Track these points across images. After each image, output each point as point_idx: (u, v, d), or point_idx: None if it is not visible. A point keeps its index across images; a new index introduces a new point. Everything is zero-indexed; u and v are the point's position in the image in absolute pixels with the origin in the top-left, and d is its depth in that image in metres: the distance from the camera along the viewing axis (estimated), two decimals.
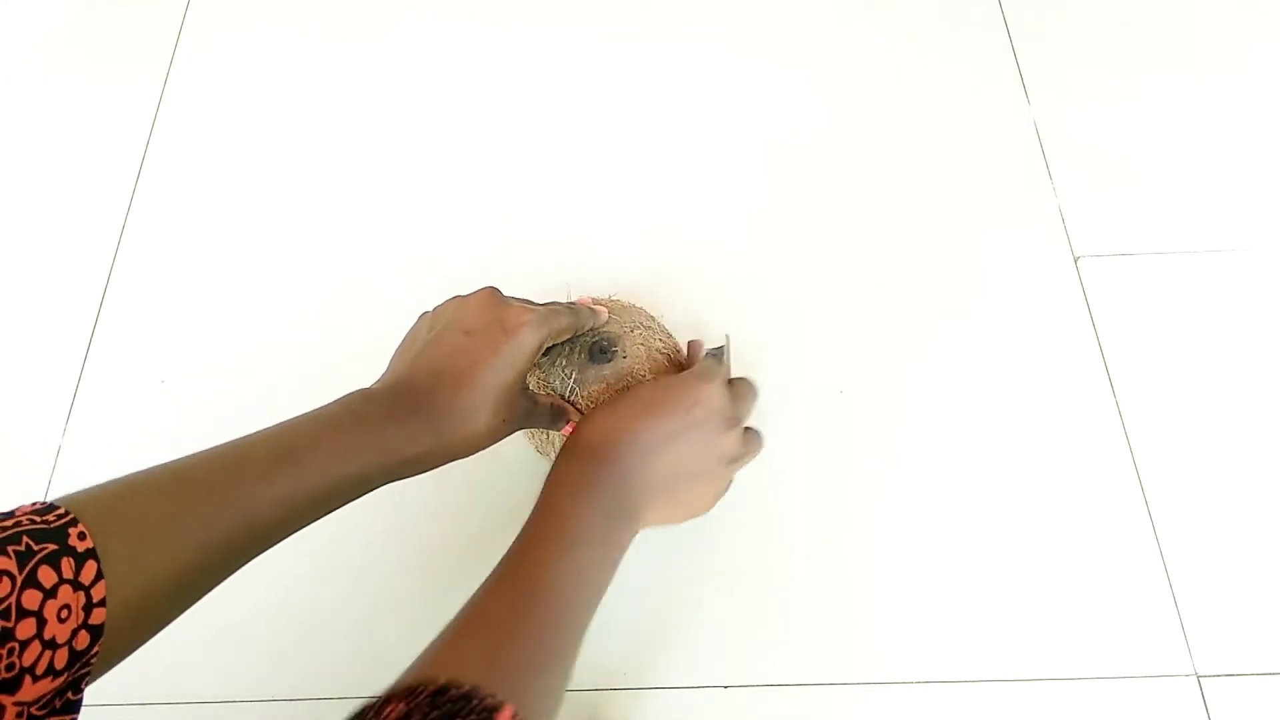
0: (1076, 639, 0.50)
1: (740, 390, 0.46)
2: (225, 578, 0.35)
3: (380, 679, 0.34)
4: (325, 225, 0.67)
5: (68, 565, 0.28)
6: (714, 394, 0.43)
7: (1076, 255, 0.62)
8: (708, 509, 0.45)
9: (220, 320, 0.63)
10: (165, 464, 0.34)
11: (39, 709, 0.27)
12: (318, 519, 0.37)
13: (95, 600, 0.29)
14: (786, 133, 0.68)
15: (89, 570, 0.29)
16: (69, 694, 0.29)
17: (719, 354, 0.48)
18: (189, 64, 0.75)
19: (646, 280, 0.62)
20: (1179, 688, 0.49)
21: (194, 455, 0.35)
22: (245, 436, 0.36)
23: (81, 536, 0.29)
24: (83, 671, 0.29)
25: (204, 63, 0.75)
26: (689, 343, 0.52)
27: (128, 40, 0.77)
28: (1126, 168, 0.65)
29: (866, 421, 0.57)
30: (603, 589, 0.38)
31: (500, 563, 0.36)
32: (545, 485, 0.40)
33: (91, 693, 0.31)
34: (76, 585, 0.28)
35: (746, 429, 0.46)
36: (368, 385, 0.41)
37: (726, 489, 0.46)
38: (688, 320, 0.60)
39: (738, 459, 0.45)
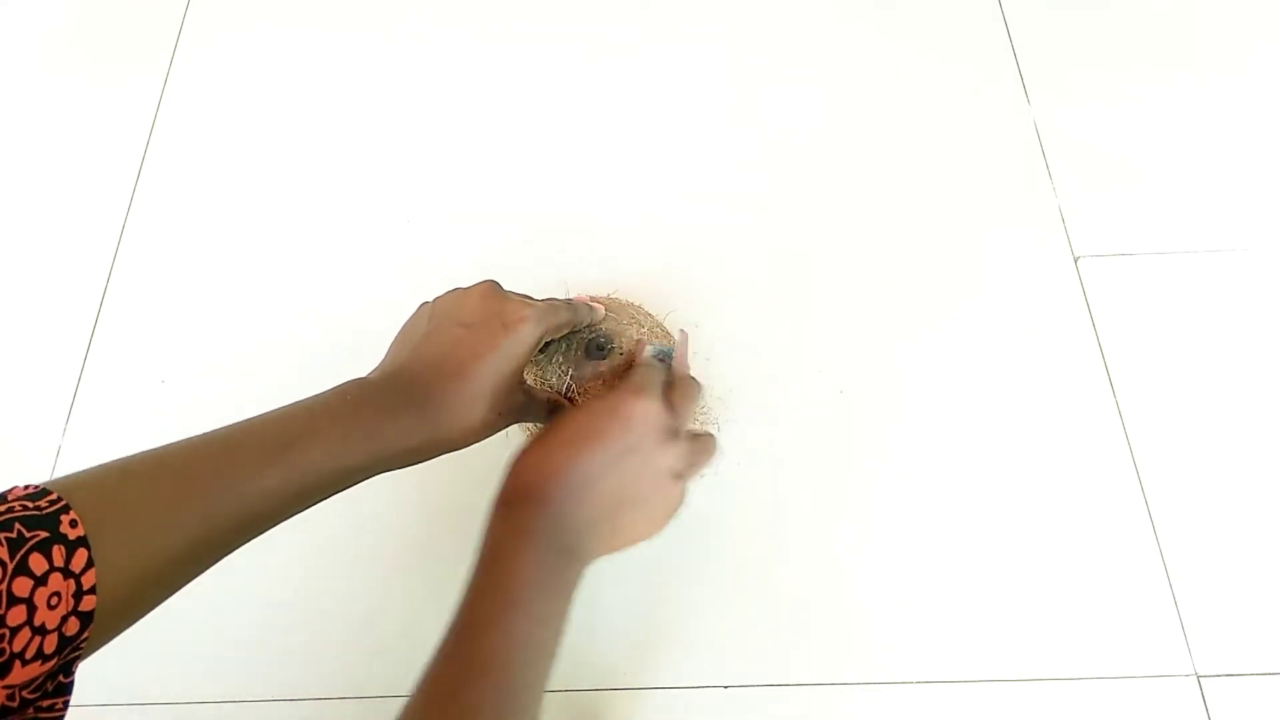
0: (1077, 639, 0.50)
1: (681, 397, 0.43)
2: (216, 562, 0.35)
3: (379, 677, 0.34)
4: (326, 224, 0.67)
5: (59, 553, 0.29)
6: (649, 410, 0.40)
7: (1076, 255, 0.62)
8: (660, 529, 0.42)
9: (221, 320, 0.63)
10: (157, 450, 0.34)
11: (30, 692, 0.28)
12: (311, 506, 0.37)
13: (85, 588, 0.29)
14: (786, 132, 0.68)
15: (79, 558, 0.29)
16: (60, 677, 0.29)
17: (664, 356, 0.46)
18: (189, 63, 0.75)
19: (647, 279, 0.62)
20: (1179, 688, 0.49)
21: (186, 442, 0.35)
22: (239, 423, 0.36)
23: (73, 524, 0.29)
24: (73, 655, 0.29)
25: (204, 62, 0.75)
26: (637, 342, 0.49)
27: (128, 39, 0.77)
28: (1126, 168, 0.65)
29: (866, 421, 0.57)
30: (558, 635, 0.37)
31: (449, 628, 0.35)
32: (484, 537, 0.37)
33: (87, 692, 0.31)
34: (67, 573, 0.29)
35: (695, 435, 0.43)
36: (364, 374, 0.41)
37: (680, 503, 0.43)
38: (688, 319, 0.60)
39: (684, 472, 0.42)
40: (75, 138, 0.72)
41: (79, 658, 0.30)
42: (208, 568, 0.35)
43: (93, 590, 0.29)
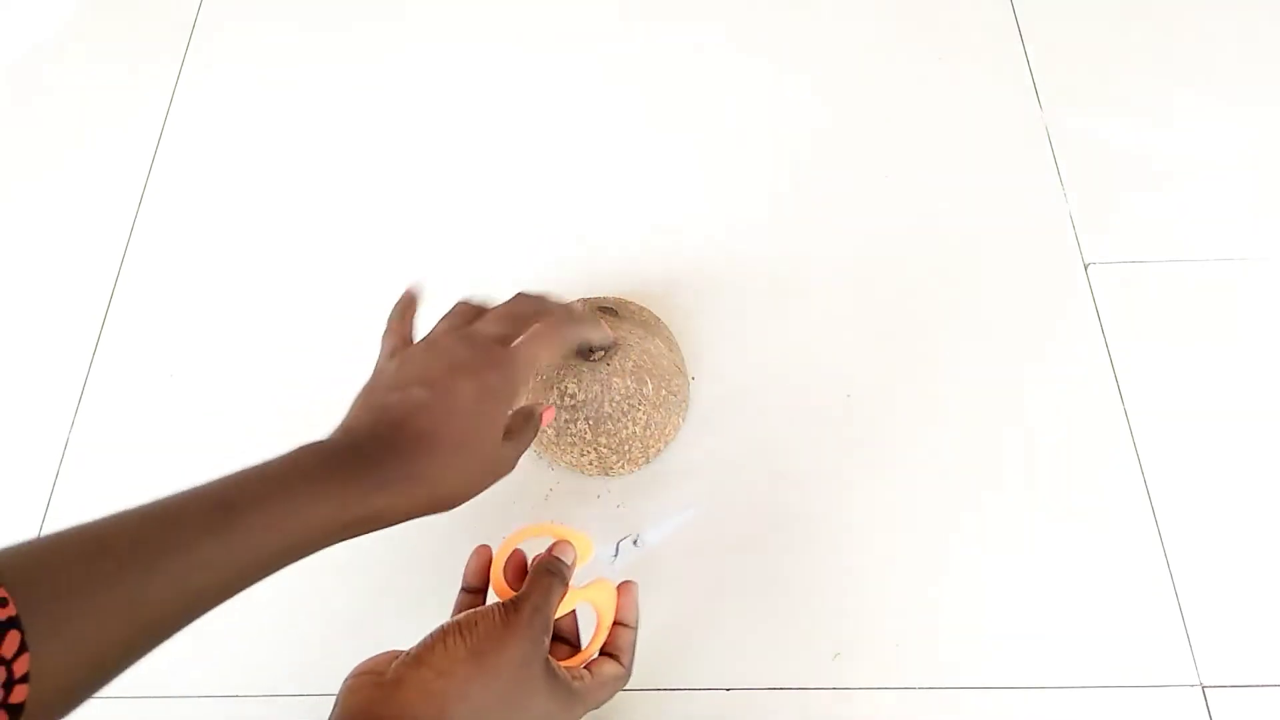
0: (1084, 648, 0.50)
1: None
2: (156, 646, 0.32)
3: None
4: (333, 224, 0.67)
5: None
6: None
7: (1087, 262, 0.61)
8: None
9: (229, 315, 0.63)
10: (90, 523, 0.31)
11: None
12: (263, 578, 0.33)
13: (17, 676, 0.25)
14: (796, 138, 0.68)
15: (11, 642, 0.25)
16: None
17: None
18: (202, 61, 0.75)
19: (655, 284, 0.62)
20: (1184, 698, 0.48)
21: (122, 514, 0.31)
22: (181, 491, 0.32)
23: (3, 604, 0.26)
24: None
25: (217, 60, 0.75)
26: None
27: (142, 33, 0.77)
28: (1138, 175, 0.65)
29: (872, 427, 0.56)
30: None
31: None
32: None
33: None
34: None
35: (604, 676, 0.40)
36: (322, 438, 0.37)
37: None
38: (696, 322, 0.60)
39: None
40: (86, 133, 0.73)
41: None
42: (147, 652, 0.31)
43: (25, 679, 0.26)
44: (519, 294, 0.43)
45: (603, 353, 0.52)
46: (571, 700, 0.37)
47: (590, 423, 0.52)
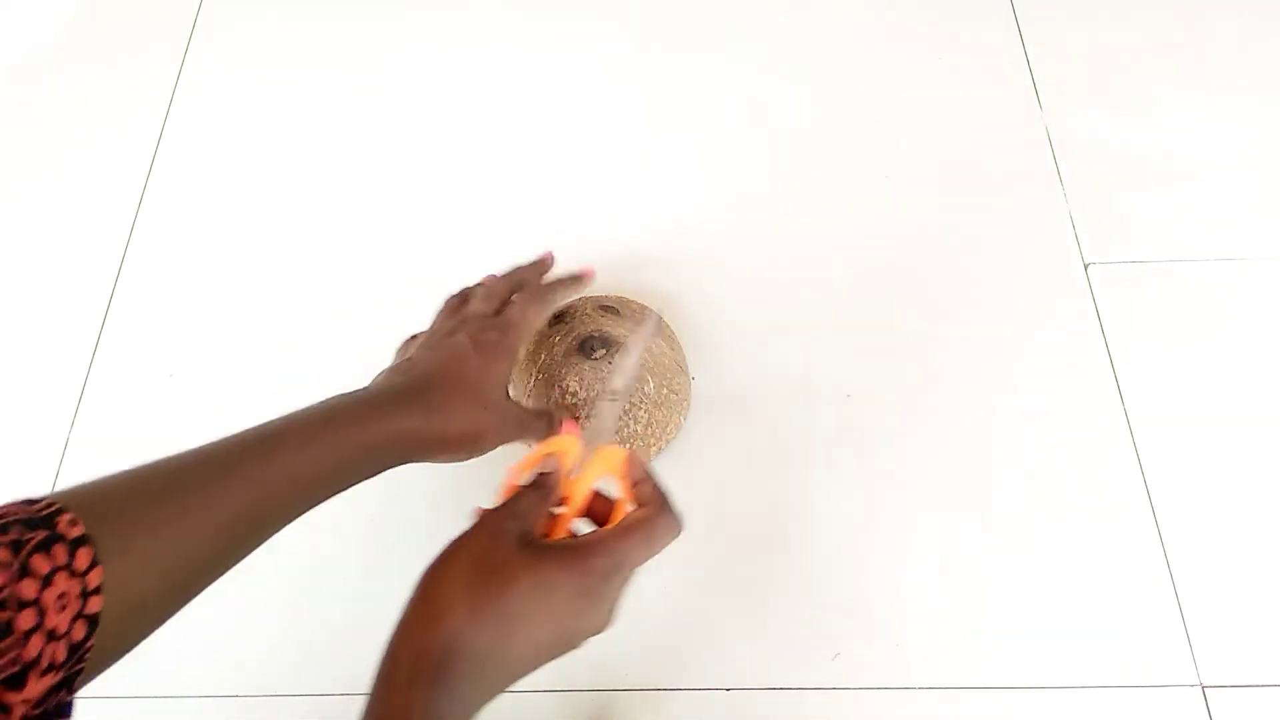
0: (1084, 648, 0.50)
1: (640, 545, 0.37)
2: (221, 572, 0.34)
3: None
4: (333, 224, 0.67)
5: (61, 551, 0.27)
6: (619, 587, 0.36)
7: (1087, 262, 0.61)
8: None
9: (229, 315, 0.63)
10: (154, 460, 0.34)
11: (34, 709, 0.26)
12: (310, 508, 0.37)
13: (91, 588, 0.28)
14: (796, 138, 0.68)
15: (83, 556, 0.28)
16: (62, 692, 0.28)
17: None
18: (202, 61, 0.75)
19: (657, 283, 0.62)
20: (1184, 698, 0.48)
21: (185, 451, 0.35)
22: (234, 433, 0.37)
23: (72, 523, 0.28)
24: (77, 668, 0.28)
25: (217, 60, 0.75)
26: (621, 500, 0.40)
27: (142, 32, 0.77)
28: (1138, 175, 0.64)
29: (871, 426, 0.56)
30: None
31: None
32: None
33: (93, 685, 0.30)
34: (71, 572, 0.27)
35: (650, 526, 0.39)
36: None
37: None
38: (697, 323, 0.60)
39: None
40: (86, 133, 0.72)
41: (81, 673, 0.28)
42: (214, 577, 0.34)
43: (98, 591, 0.28)
44: (491, 275, 0.51)
45: (604, 351, 0.52)
46: (575, 558, 0.34)
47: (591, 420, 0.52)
